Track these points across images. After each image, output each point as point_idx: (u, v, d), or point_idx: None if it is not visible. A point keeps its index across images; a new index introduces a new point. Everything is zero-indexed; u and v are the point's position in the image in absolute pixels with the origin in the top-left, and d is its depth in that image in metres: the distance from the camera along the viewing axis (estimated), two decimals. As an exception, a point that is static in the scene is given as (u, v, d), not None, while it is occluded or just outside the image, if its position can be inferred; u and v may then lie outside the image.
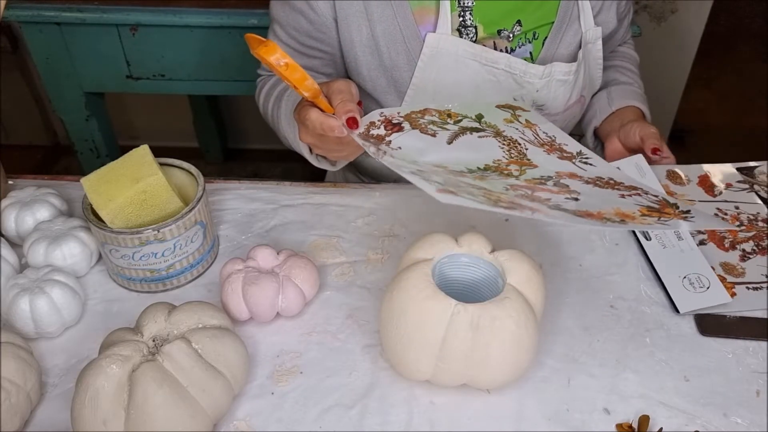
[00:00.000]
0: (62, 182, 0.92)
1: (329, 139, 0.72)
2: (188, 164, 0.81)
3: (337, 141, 0.72)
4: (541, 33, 0.90)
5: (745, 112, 2.32)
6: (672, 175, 0.90)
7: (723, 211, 0.84)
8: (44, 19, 1.31)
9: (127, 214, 0.73)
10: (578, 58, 0.92)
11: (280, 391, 0.67)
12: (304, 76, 0.66)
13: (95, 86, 1.45)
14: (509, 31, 0.88)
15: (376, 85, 0.91)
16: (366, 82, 0.91)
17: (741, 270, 0.77)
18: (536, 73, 0.89)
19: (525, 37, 0.90)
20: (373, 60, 0.89)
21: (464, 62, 0.87)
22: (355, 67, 0.91)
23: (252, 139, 2.31)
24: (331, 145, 0.75)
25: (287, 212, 0.88)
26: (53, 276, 0.72)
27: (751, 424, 0.64)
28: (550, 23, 0.90)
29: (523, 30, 0.89)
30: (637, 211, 0.64)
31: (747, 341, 0.71)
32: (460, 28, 0.87)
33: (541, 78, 0.90)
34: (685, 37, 1.79)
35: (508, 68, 0.88)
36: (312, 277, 0.74)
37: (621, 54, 1.09)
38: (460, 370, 0.63)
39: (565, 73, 0.91)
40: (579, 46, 0.93)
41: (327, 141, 0.74)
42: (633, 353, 0.70)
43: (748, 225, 0.82)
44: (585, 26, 0.91)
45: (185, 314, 0.64)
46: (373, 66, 0.90)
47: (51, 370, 0.69)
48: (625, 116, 0.97)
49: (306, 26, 0.88)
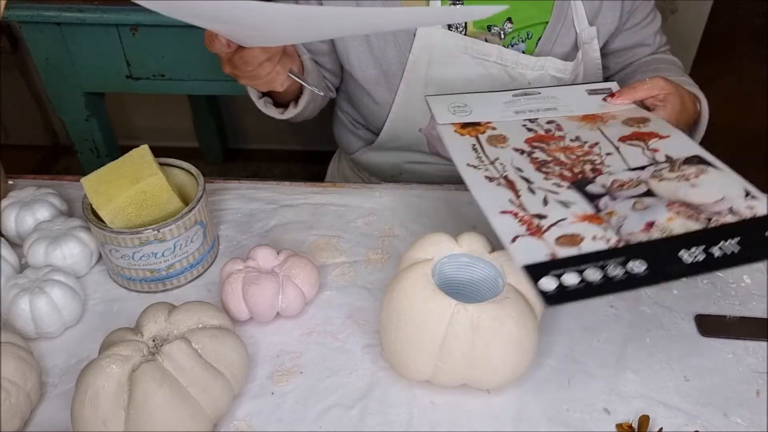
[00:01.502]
0: (62, 182, 0.92)
1: (236, 62, 0.71)
2: (188, 164, 0.81)
3: (243, 62, 0.70)
4: (535, 33, 0.90)
5: (745, 112, 2.32)
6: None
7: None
8: (44, 19, 1.31)
9: (127, 214, 0.73)
10: (577, 58, 0.92)
11: (280, 391, 0.67)
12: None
13: (95, 86, 1.45)
14: (500, 28, 0.88)
15: (366, 75, 0.92)
16: (356, 71, 0.92)
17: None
18: (528, 63, 0.89)
19: (518, 36, 0.90)
20: (363, 50, 0.90)
21: (455, 55, 0.88)
22: (345, 57, 0.92)
23: (252, 139, 2.31)
24: (244, 69, 0.72)
25: (287, 212, 0.88)
26: (53, 276, 0.72)
27: (751, 424, 0.64)
28: (544, 23, 0.90)
29: (515, 28, 0.89)
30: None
31: (747, 341, 0.71)
32: (450, 24, 0.87)
33: (534, 69, 0.90)
34: (685, 37, 1.79)
35: (500, 60, 0.88)
36: (312, 277, 0.74)
37: (658, 60, 1.00)
38: (460, 370, 0.63)
39: (560, 70, 0.91)
40: (575, 47, 0.92)
41: (236, 65, 0.72)
42: (633, 353, 0.70)
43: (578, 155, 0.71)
44: (579, 27, 0.91)
45: (185, 314, 0.64)
46: (363, 56, 0.91)
47: (51, 370, 0.69)
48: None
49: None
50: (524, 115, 0.78)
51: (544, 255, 0.57)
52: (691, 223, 0.60)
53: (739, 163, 0.90)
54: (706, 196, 0.62)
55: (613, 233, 0.59)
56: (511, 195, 0.64)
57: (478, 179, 0.67)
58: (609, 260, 0.56)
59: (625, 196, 0.63)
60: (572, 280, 0.55)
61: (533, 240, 0.59)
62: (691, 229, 0.59)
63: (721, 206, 0.61)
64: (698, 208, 0.61)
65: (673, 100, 0.78)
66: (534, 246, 0.58)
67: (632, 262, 0.56)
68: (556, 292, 0.54)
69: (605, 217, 0.61)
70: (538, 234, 0.59)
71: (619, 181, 0.66)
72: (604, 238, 0.58)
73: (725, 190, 0.63)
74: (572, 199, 0.64)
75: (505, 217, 0.61)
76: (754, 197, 0.62)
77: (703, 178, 0.65)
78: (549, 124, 0.76)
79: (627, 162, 0.69)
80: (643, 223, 0.60)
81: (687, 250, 0.57)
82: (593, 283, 0.54)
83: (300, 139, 2.27)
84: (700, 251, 0.57)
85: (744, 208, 0.61)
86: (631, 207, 0.62)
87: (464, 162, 0.69)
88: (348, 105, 1.04)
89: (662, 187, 0.64)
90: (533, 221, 0.61)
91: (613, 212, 0.61)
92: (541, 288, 0.54)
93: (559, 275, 0.55)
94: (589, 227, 0.60)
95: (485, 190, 0.65)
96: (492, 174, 0.68)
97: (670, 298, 0.76)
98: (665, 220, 0.60)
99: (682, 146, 0.70)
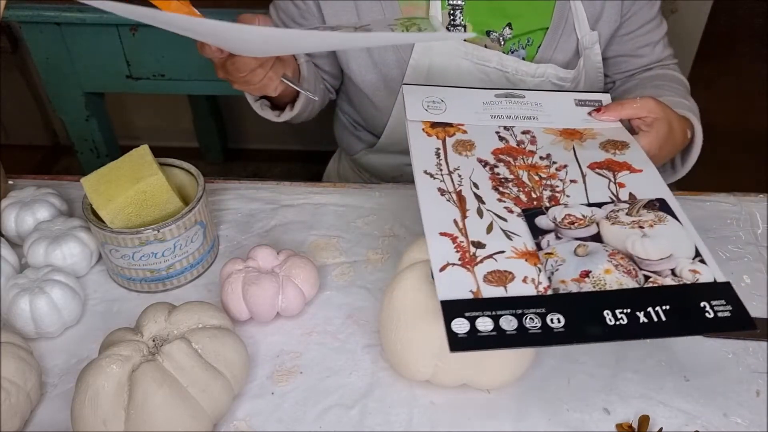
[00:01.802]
0: (62, 182, 0.92)
1: (229, 68, 0.71)
2: (188, 164, 0.81)
3: (235, 68, 0.71)
4: (536, 39, 0.89)
5: (745, 112, 2.32)
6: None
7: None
8: (44, 19, 1.31)
9: (127, 214, 0.73)
10: (578, 65, 0.91)
11: (280, 391, 0.67)
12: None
13: (95, 86, 1.45)
14: (499, 33, 0.88)
15: (365, 80, 0.92)
16: (356, 77, 0.92)
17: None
18: (528, 71, 0.88)
19: (518, 42, 0.89)
20: (363, 56, 0.90)
21: (456, 60, 0.87)
22: (345, 62, 0.92)
23: (252, 139, 2.31)
24: (236, 75, 0.73)
25: (287, 212, 0.88)
26: (53, 276, 0.72)
27: (751, 424, 0.64)
28: (544, 29, 0.89)
29: (514, 33, 0.88)
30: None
31: (747, 341, 0.71)
32: (449, 26, 0.87)
33: (534, 76, 0.89)
34: (685, 37, 1.79)
35: (500, 66, 0.88)
36: (312, 277, 0.74)
37: (662, 76, 0.95)
38: (460, 370, 0.63)
39: (561, 78, 0.90)
40: (577, 54, 0.91)
41: (229, 71, 0.72)
42: (633, 353, 0.70)
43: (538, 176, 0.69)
44: (581, 32, 0.90)
45: (185, 314, 0.64)
46: (362, 62, 0.91)
47: (51, 370, 0.69)
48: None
49: (293, 10, 0.91)
50: (500, 121, 0.75)
51: (468, 291, 0.56)
52: (626, 279, 0.58)
53: (740, 163, 0.90)
54: (653, 251, 0.60)
55: (545, 277, 0.58)
56: (457, 215, 0.63)
57: (430, 191, 0.65)
58: (529, 310, 0.55)
59: (571, 237, 0.62)
60: (485, 326, 0.54)
61: (462, 272, 0.58)
62: (625, 286, 0.57)
63: (664, 265, 0.59)
64: (640, 263, 0.59)
65: (660, 127, 0.75)
66: (460, 279, 0.57)
67: (552, 315, 0.55)
68: (465, 337, 0.53)
69: (543, 257, 0.60)
70: (470, 265, 0.59)
71: (571, 217, 0.64)
72: (534, 282, 0.57)
73: (675, 247, 0.61)
74: (518, 230, 0.62)
75: (443, 241, 0.61)
76: (703, 262, 0.59)
77: (658, 229, 0.62)
78: (524, 134, 0.74)
79: (588, 194, 0.66)
80: (578, 271, 0.59)
81: (611, 311, 0.56)
82: (506, 332, 0.54)
83: (300, 139, 2.27)
84: (625, 315, 0.55)
85: (687, 271, 0.59)
86: (572, 251, 0.60)
87: (422, 168, 0.68)
88: (349, 106, 1.04)
89: (612, 233, 0.62)
90: (470, 250, 0.60)
91: (553, 254, 0.60)
92: (452, 329, 0.53)
93: (473, 318, 0.54)
94: (523, 266, 0.59)
95: (433, 205, 0.64)
96: (446, 186, 0.66)
97: (670, 298, 0.76)
98: (602, 271, 0.59)
99: (650, 185, 0.68)
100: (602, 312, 0.55)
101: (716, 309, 0.56)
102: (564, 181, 0.68)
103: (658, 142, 0.75)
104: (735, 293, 0.57)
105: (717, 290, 0.57)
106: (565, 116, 0.77)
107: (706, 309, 0.56)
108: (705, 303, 0.57)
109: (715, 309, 0.56)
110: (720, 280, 0.58)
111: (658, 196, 0.66)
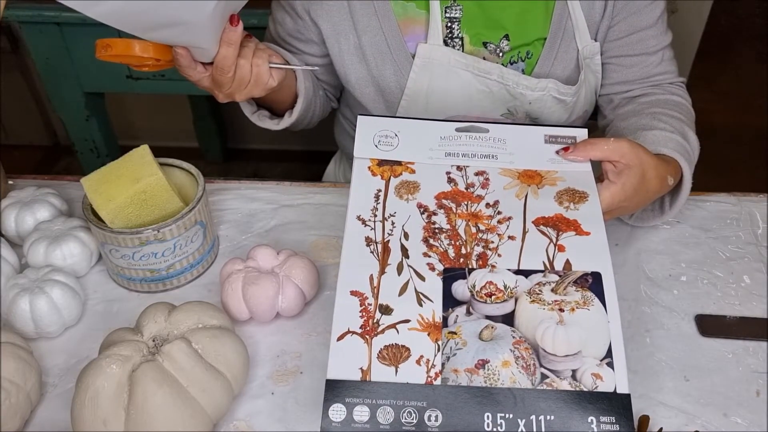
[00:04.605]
0: (62, 182, 0.92)
1: (217, 77, 0.73)
2: (188, 164, 0.81)
3: (219, 71, 0.72)
4: (535, 52, 0.87)
5: (745, 112, 2.32)
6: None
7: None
8: (44, 19, 1.31)
9: (127, 214, 0.73)
10: (579, 80, 0.88)
11: (280, 391, 0.67)
12: (129, 44, 0.69)
13: (95, 86, 1.45)
14: (496, 45, 0.86)
15: (363, 93, 0.92)
16: (355, 89, 0.92)
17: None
18: (528, 84, 0.87)
19: (518, 55, 0.88)
20: (361, 69, 0.90)
21: (456, 72, 0.86)
22: (344, 75, 0.92)
23: (252, 139, 2.31)
24: (226, 78, 0.74)
25: (287, 212, 0.88)
26: (53, 276, 0.72)
27: (751, 424, 0.64)
28: (542, 39, 0.87)
29: (511, 45, 0.87)
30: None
31: (747, 341, 0.71)
32: (446, 39, 0.86)
33: (534, 90, 0.87)
34: (685, 37, 1.79)
35: (501, 79, 0.86)
36: (312, 277, 0.74)
37: (663, 102, 0.87)
38: (460, 370, 0.62)
39: (562, 93, 0.88)
40: (578, 67, 0.88)
41: (219, 81, 0.74)
42: (633, 353, 0.70)
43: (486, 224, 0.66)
44: (581, 42, 0.87)
45: (185, 314, 0.64)
46: (361, 75, 0.90)
47: (51, 370, 0.69)
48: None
49: (290, 25, 0.91)
50: (454, 160, 0.71)
51: (357, 369, 0.57)
52: (522, 376, 0.57)
53: (740, 163, 0.90)
54: (561, 345, 0.58)
55: (439, 361, 0.58)
56: (375, 270, 0.63)
57: (356, 240, 0.65)
58: (410, 402, 0.55)
59: (483, 314, 0.60)
60: (361, 417, 0.55)
61: (359, 343, 0.59)
62: (517, 384, 0.56)
63: (567, 364, 0.57)
64: (543, 357, 0.58)
65: (628, 178, 0.69)
66: (354, 353, 0.58)
67: (431, 411, 0.55)
68: (338, 425, 0.54)
69: (446, 336, 0.59)
70: (369, 335, 0.59)
71: (492, 286, 0.62)
72: (427, 365, 0.57)
73: (586, 343, 0.58)
74: (432, 294, 0.61)
75: (351, 302, 0.61)
76: (610, 365, 0.57)
77: (578, 316, 0.59)
78: (477, 175, 0.70)
79: (521, 257, 0.63)
80: (475, 360, 0.58)
81: (493, 415, 0.55)
82: (381, 425, 0.54)
83: (300, 139, 2.27)
84: (505, 421, 0.55)
85: (589, 375, 0.57)
86: (477, 333, 0.59)
87: (355, 213, 0.67)
88: (349, 112, 1.04)
89: (527, 314, 0.60)
90: (374, 315, 0.60)
91: (457, 333, 0.59)
92: (328, 415, 0.54)
93: (352, 405, 0.55)
94: (423, 341, 0.59)
95: (353, 258, 0.64)
96: (374, 236, 0.66)
97: (670, 298, 0.76)
98: (500, 363, 0.57)
99: (591, 254, 0.64)
100: (483, 415, 0.55)
101: (603, 427, 0.55)
102: (501, 237, 0.65)
103: (622, 195, 0.70)
104: (630, 409, 0.56)
105: (612, 403, 0.56)
106: (529, 155, 0.71)
107: (592, 424, 0.55)
108: (593, 418, 0.55)
109: (602, 427, 0.55)
110: (621, 391, 0.56)
111: (594, 269, 0.63)
